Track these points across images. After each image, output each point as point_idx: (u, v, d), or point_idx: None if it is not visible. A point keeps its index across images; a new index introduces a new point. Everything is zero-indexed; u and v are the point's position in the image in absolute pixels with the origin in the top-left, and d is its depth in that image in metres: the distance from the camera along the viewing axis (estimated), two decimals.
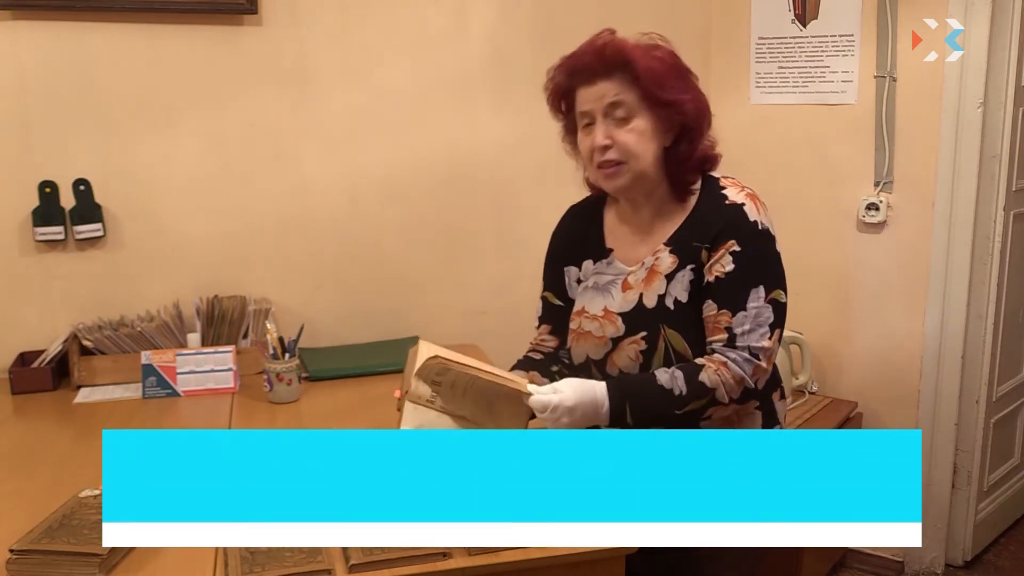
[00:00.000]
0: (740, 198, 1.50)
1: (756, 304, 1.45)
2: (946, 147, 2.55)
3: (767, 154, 2.82)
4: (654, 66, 1.47)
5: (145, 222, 2.35)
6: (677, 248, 1.52)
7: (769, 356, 1.46)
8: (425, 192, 2.58)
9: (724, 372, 1.44)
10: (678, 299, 1.50)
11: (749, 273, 1.46)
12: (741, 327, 1.45)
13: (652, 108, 1.47)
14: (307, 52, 2.41)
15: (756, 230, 1.48)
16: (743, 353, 1.45)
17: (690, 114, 1.49)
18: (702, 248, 1.49)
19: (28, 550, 1.30)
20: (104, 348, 2.21)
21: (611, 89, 1.46)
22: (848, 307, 2.80)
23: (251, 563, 1.28)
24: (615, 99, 1.46)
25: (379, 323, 2.55)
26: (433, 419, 1.43)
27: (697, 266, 1.49)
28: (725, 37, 2.88)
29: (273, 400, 2.06)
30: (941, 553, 2.81)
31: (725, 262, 1.46)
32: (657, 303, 1.51)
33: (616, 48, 1.47)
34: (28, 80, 2.21)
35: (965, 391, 2.71)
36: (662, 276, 1.52)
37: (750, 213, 1.48)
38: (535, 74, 2.54)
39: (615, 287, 1.57)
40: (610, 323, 1.56)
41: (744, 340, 1.45)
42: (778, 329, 1.48)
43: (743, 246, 1.46)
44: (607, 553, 1.38)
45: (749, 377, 1.45)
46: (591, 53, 1.48)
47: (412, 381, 1.42)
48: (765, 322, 1.45)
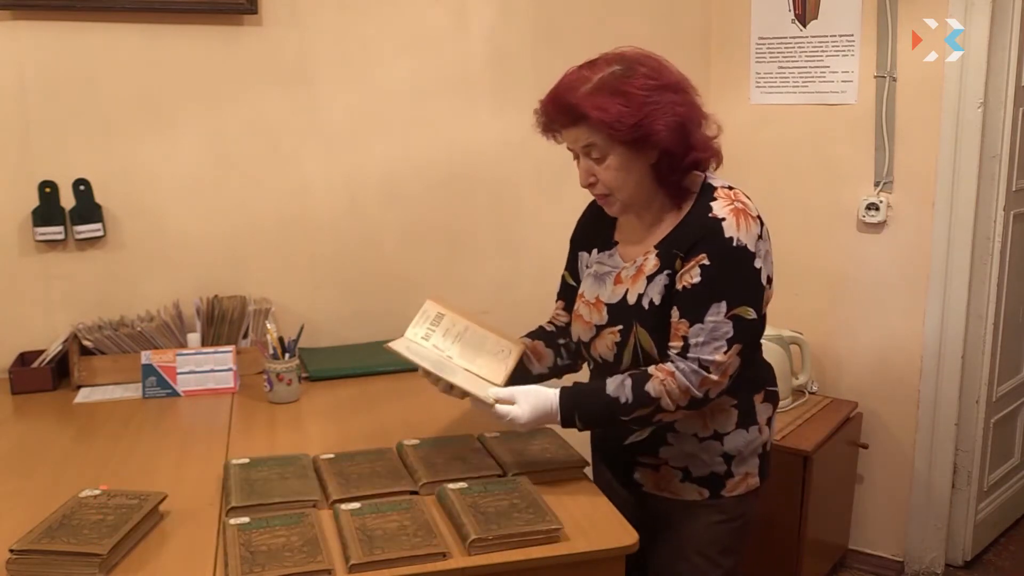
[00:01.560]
0: (723, 213, 1.51)
1: (715, 318, 1.49)
2: (946, 147, 2.56)
3: (767, 154, 2.82)
4: (605, 115, 1.46)
5: (145, 222, 2.35)
6: (661, 252, 1.57)
7: (723, 369, 1.49)
8: (425, 192, 2.58)
9: (670, 382, 1.49)
10: (652, 300, 1.55)
11: (714, 288, 1.49)
12: (696, 338, 1.49)
13: (622, 144, 1.50)
14: (307, 52, 2.41)
15: (729, 246, 1.50)
16: (692, 364, 1.49)
17: (663, 138, 1.48)
18: (678, 256, 1.54)
19: (28, 550, 1.30)
20: (104, 348, 2.21)
21: (580, 135, 1.51)
22: (848, 307, 2.80)
23: (251, 563, 1.28)
24: (587, 142, 1.52)
25: (379, 323, 2.54)
26: (419, 349, 1.64)
27: (672, 272, 1.54)
28: (725, 37, 2.88)
29: (273, 400, 2.06)
30: (941, 553, 2.81)
31: (693, 273, 1.50)
32: (636, 301, 1.57)
33: (566, 104, 1.50)
34: (28, 80, 2.21)
35: (965, 391, 2.71)
36: (644, 277, 1.57)
37: (727, 229, 1.50)
38: (535, 74, 2.55)
39: (609, 278, 1.64)
40: (597, 311, 1.63)
41: (696, 351, 1.49)
42: (738, 344, 1.50)
43: (712, 260, 1.50)
44: (607, 553, 1.39)
45: (696, 388, 1.49)
46: (552, 105, 1.53)
47: (413, 321, 1.66)
48: (722, 336, 1.48)
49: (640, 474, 1.68)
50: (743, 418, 1.62)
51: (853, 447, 2.79)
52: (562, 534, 1.39)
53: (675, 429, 1.61)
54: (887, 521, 2.85)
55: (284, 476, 1.57)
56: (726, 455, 1.62)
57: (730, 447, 1.61)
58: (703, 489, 1.63)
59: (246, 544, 1.33)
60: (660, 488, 1.66)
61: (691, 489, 1.63)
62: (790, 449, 2.49)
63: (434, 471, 1.58)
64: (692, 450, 1.61)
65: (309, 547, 1.32)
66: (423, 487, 1.54)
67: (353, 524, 1.39)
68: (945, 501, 2.77)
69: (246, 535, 1.35)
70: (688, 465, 1.62)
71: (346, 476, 1.57)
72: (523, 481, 1.53)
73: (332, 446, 1.74)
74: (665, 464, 1.64)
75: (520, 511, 1.42)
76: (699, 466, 1.62)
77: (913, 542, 2.82)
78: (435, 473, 1.57)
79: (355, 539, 1.34)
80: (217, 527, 1.44)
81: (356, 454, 1.67)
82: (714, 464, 1.62)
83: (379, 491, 1.51)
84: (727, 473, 1.63)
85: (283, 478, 1.56)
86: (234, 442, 1.83)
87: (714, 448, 1.61)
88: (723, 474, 1.63)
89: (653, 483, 1.67)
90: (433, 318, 1.69)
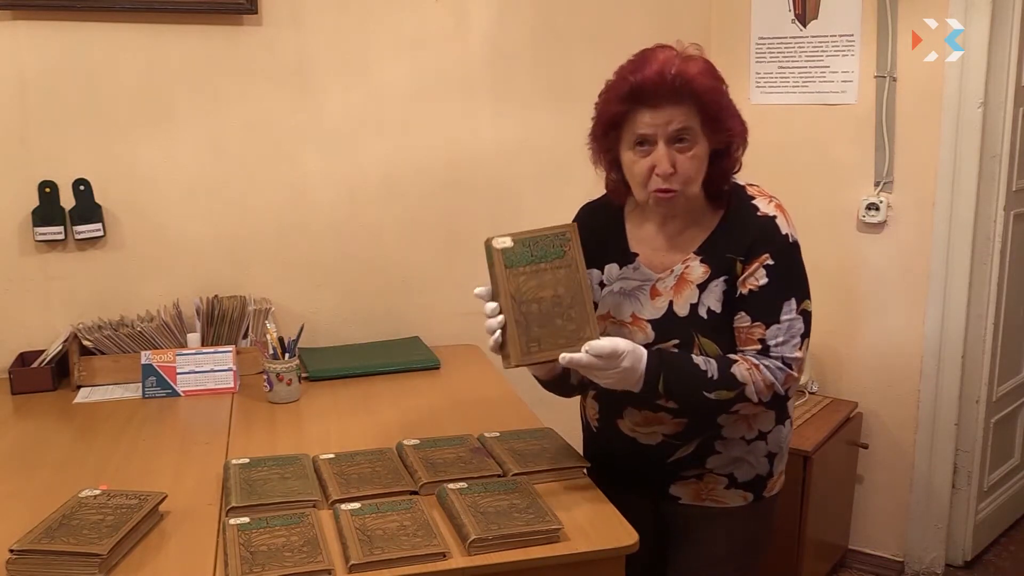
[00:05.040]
0: (771, 210, 1.52)
1: (789, 316, 1.48)
2: (946, 147, 2.56)
3: (767, 154, 2.80)
4: (716, 96, 1.46)
5: (145, 222, 2.35)
6: (708, 258, 1.52)
7: (800, 366, 1.49)
8: (425, 192, 2.58)
9: (756, 373, 1.46)
10: (711, 308, 1.51)
11: (782, 286, 1.48)
12: (775, 339, 1.47)
13: (710, 134, 1.47)
14: (307, 52, 2.41)
15: (787, 243, 1.50)
16: (776, 362, 1.47)
17: (739, 135, 1.50)
18: (736, 260, 1.50)
19: (28, 550, 1.30)
20: (104, 348, 2.21)
21: (678, 116, 1.43)
22: (848, 307, 2.80)
23: (251, 563, 1.28)
24: (682, 125, 1.44)
25: (379, 323, 2.55)
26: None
27: (730, 277, 1.50)
28: (725, 37, 2.87)
29: (273, 400, 2.06)
30: (941, 553, 2.81)
31: (759, 275, 1.48)
32: (690, 311, 1.52)
33: (684, 78, 1.42)
34: (28, 80, 2.21)
35: (965, 391, 2.71)
36: (693, 285, 1.52)
37: (782, 226, 1.50)
38: (535, 74, 2.55)
39: (643, 293, 1.57)
40: (639, 330, 1.56)
41: (778, 351, 1.47)
42: (807, 339, 1.51)
43: (776, 260, 1.48)
44: (607, 553, 1.39)
45: (780, 384, 1.47)
46: (658, 80, 1.42)
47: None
48: (797, 333, 1.48)
49: (679, 488, 1.63)
50: (780, 414, 1.61)
51: (853, 447, 2.79)
52: (562, 534, 1.39)
53: (723, 436, 1.57)
54: (887, 521, 2.85)
55: (284, 476, 1.57)
56: (770, 454, 1.61)
57: (773, 445, 1.61)
58: (747, 493, 1.61)
59: (246, 544, 1.33)
60: (701, 498, 1.62)
61: (736, 495, 1.60)
62: (790, 449, 2.47)
63: (434, 471, 1.58)
64: (740, 454, 1.58)
65: (309, 547, 1.32)
66: (423, 487, 1.54)
67: (353, 524, 1.39)
68: (945, 501, 2.77)
69: (246, 535, 1.35)
70: (734, 471, 1.59)
71: (346, 476, 1.57)
72: (523, 481, 1.53)
73: (332, 446, 1.74)
74: (710, 473, 1.60)
75: (520, 511, 1.42)
76: (745, 470, 1.60)
77: (913, 542, 2.82)
78: (435, 473, 1.57)
79: (355, 539, 1.34)
80: (217, 527, 1.44)
81: (356, 454, 1.68)
82: (759, 466, 1.60)
83: (379, 491, 1.51)
84: (769, 473, 1.62)
85: (283, 478, 1.56)
86: (234, 442, 1.83)
87: (760, 448, 1.60)
88: (766, 475, 1.62)
89: (693, 494, 1.62)
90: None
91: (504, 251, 1.43)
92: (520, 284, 1.43)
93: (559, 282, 1.45)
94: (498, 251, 1.43)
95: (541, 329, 1.43)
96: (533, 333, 1.43)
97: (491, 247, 1.44)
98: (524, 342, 1.43)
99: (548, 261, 1.45)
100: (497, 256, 1.43)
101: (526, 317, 1.43)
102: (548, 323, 1.43)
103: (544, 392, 1.68)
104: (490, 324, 1.44)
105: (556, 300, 1.44)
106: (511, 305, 1.42)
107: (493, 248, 1.44)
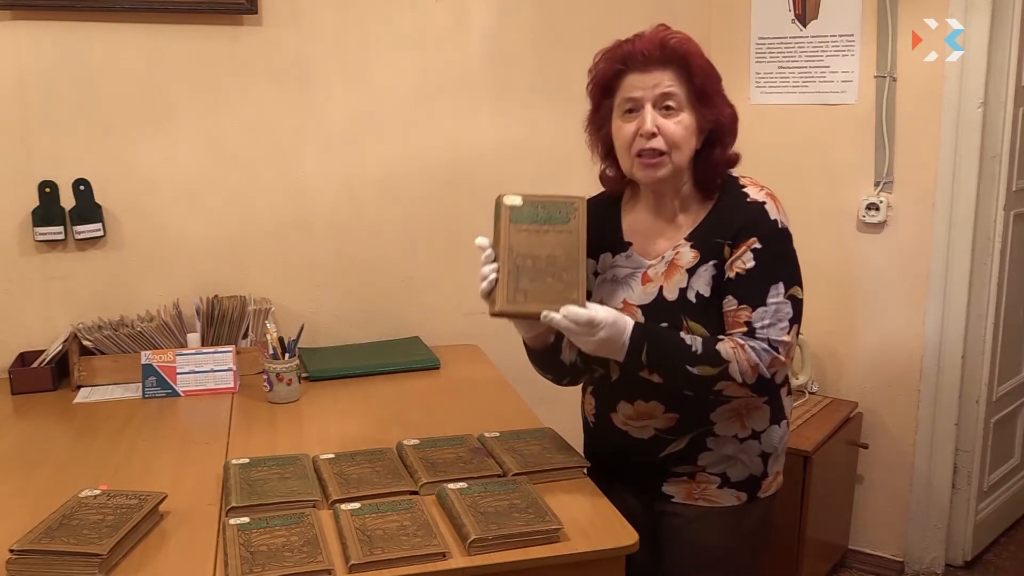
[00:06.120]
0: (761, 197, 1.54)
1: (776, 300, 1.48)
2: (946, 147, 2.56)
3: (767, 154, 2.81)
4: (706, 66, 1.52)
5: (145, 222, 2.35)
6: (699, 243, 1.54)
7: (788, 349, 1.49)
8: (425, 192, 2.58)
9: (740, 352, 1.46)
10: (700, 293, 1.52)
11: (769, 270, 1.49)
12: (761, 321, 1.48)
13: (697, 106, 1.51)
14: (307, 52, 2.41)
15: (776, 228, 1.51)
16: (762, 343, 1.47)
17: (727, 119, 1.55)
18: (724, 244, 1.52)
19: (28, 550, 1.30)
20: (104, 348, 2.21)
21: (665, 79, 1.49)
22: (848, 307, 2.80)
23: (251, 563, 1.28)
24: (668, 90, 1.49)
25: (379, 323, 2.55)
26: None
27: (719, 262, 1.52)
28: (725, 37, 2.87)
29: (273, 400, 2.06)
30: (941, 553, 2.81)
31: (746, 259, 1.49)
32: (679, 296, 1.54)
33: (678, 41, 1.50)
34: (28, 80, 2.21)
35: (965, 391, 2.71)
36: (683, 270, 1.54)
37: (771, 212, 1.52)
38: (535, 74, 2.55)
39: (634, 280, 1.59)
40: (630, 315, 1.56)
41: (764, 332, 1.47)
42: (796, 324, 1.50)
43: (764, 243, 1.49)
44: (607, 553, 1.39)
45: (765, 366, 1.46)
46: (652, 42, 1.50)
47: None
48: (784, 317, 1.48)
49: (671, 486, 1.63)
50: (775, 414, 1.61)
51: (853, 447, 2.79)
52: (562, 534, 1.39)
53: (715, 433, 1.57)
54: (887, 521, 2.85)
55: (284, 476, 1.57)
56: (764, 454, 1.61)
57: (767, 445, 1.60)
58: (741, 493, 1.61)
59: (246, 544, 1.33)
60: (694, 497, 1.62)
61: (729, 495, 1.60)
62: (790, 449, 2.45)
63: (434, 471, 1.58)
64: (732, 452, 1.58)
65: (309, 547, 1.32)
66: (423, 487, 1.54)
67: (353, 524, 1.39)
68: (945, 501, 2.77)
69: (246, 535, 1.35)
70: (726, 470, 1.59)
71: (346, 476, 1.57)
72: (523, 481, 1.53)
73: (332, 446, 1.74)
74: (702, 471, 1.60)
75: (520, 511, 1.42)
76: (738, 470, 1.60)
77: (913, 542, 2.82)
78: (435, 473, 1.57)
79: (355, 539, 1.34)
80: (217, 527, 1.44)
81: (356, 454, 1.67)
82: (752, 466, 1.60)
83: (379, 491, 1.51)
84: (763, 474, 1.62)
85: (283, 478, 1.56)
86: (234, 442, 1.83)
87: (753, 448, 1.59)
88: (760, 475, 1.61)
89: (686, 493, 1.62)
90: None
91: (512, 207, 1.49)
92: (520, 239, 1.48)
93: (558, 244, 1.49)
94: (507, 207, 1.49)
95: (531, 283, 1.48)
96: (522, 284, 1.48)
97: (501, 203, 1.49)
98: (511, 291, 1.47)
99: (552, 224, 1.49)
100: (504, 211, 1.49)
101: (518, 269, 1.48)
102: (538, 279, 1.48)
103: (544, 392, 1.68)
104: (484, 270, 1.48)
105: (551, 260, 1.48)
106: (507, 256, 1.48)
107: (503, 204, 1.49)
